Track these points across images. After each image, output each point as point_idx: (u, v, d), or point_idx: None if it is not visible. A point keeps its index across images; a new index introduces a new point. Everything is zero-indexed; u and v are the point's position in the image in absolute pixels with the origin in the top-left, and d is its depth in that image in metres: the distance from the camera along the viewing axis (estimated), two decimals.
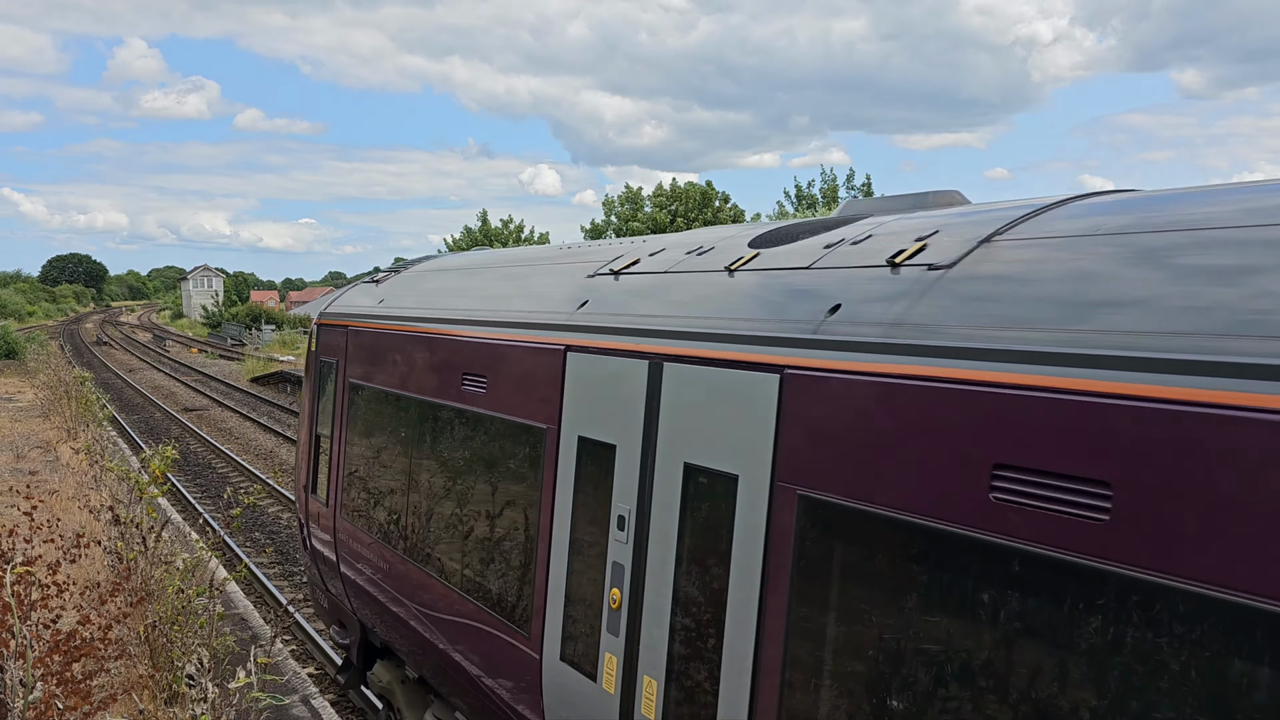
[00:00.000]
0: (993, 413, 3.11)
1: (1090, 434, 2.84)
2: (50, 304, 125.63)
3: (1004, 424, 3.08)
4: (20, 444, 20.16)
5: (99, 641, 6.82)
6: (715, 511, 4.26)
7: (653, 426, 4.73)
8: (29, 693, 5.38)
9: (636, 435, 4.85)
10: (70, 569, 7.84)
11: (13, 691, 5.43)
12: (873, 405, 3.56)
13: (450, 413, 6.90)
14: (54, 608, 6.87)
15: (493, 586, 6.17)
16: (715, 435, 4.30)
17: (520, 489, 5.93)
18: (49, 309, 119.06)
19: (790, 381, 3.91)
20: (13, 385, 34.53)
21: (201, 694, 6.30)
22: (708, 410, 4.39)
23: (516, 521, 5.93)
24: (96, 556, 9.77)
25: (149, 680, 7.37)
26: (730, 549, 4.13)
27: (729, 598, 4.11)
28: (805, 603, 3.75)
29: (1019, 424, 3.04)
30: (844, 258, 4.34)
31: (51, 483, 15.70)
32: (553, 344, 5.73)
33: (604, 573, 5.02)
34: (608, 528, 5.01)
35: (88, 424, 21.32)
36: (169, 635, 7.77)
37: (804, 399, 3.85)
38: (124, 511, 9.98)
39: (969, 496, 3.13)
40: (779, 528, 3.86)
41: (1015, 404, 3.05)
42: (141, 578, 8.39)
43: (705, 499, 4.35)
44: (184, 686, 7.13)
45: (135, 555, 8.52)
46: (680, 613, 4.48)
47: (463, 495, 6.66)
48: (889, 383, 3.49)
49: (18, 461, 18.32)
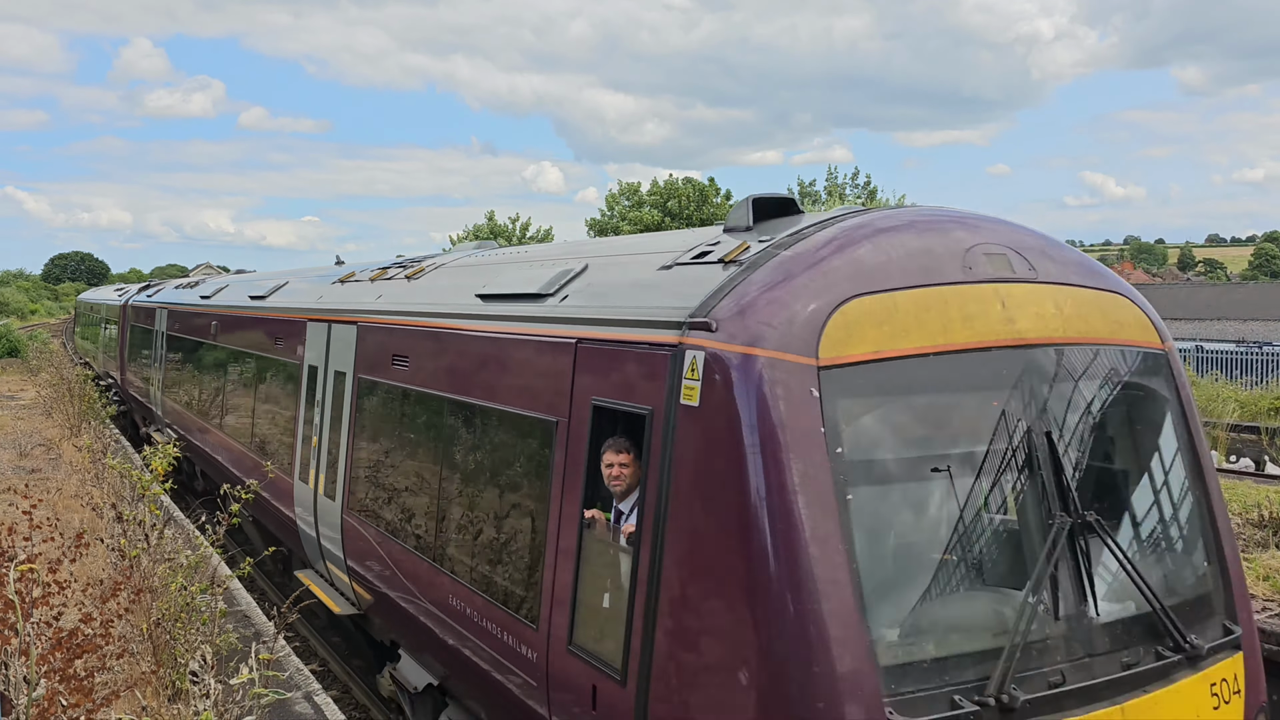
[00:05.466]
0: (400, 336, 8.50)
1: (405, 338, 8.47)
2: (53, 302, 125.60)
3: (405, 339, 8.39)
4: (23, 442, 20.17)
5: (101, 638, 6.82)
6: (339, 386, 9.84)
7: (327, 353, 10.42)
8: (32, 690, 5.37)
9: (321, 358, 10.62)
10: (72, 567, 7.85)
11: (16, 688, 5.43)
12: (385, 338, 8.83)
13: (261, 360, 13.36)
14: (55, 605, 6.87)
15: (297, 455, 10.98)
16: (343, 356, 9.81)
17: (284, 399, 11.94)
18: (51, 307, 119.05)
19: (361, 329, 9.46)
20: (15, 383, 34.55)
21: (204, 691, 6.29)
22: (342, 345, 9.90)
23: (300, 415, 11.10)
24: (99, 554, 9.78)
25: (151, 677, 7.36)
26: (342, 403, 9.64)
27: (342, 426, 9.55)
28: (362, 423, 9.14)
29: (410, 339, 8.28)
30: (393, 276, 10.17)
31: (54, 480, 15.70)
32: (299, 319, 11.66)
33: (319, 428, 10.34)
34: (321, 407, 10.38)
35: (90, 422, 21.32)
36: (172, 632, 7.77)
37: (365, 336, 9.34)
38: (126, 509, 9.97)
39: (394, 373, 8.47)
40: (355, 391, 9.37)
41: (411, 331, 8.31)
42: (144, 575, 8.38)
43: (341, 383, 9.81)
44: (187, 683, 7.12)
45: (138, 552, 8.52)
46: (329, 439, 9.97)
47: (275, 410, 12.37)
48: (392, 326, 8.78)
49: (21, 459, 18.33)
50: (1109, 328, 5.41)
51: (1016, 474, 4.87)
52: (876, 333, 4.66)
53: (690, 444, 4.67)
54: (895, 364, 4.65)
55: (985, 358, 4.88)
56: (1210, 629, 5.22)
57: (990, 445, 4.81)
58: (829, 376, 4.50)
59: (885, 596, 4.48)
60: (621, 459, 5.25)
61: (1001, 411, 4.85)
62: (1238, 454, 23.01)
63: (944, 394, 4.84)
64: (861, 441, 4.59)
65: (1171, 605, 5.03)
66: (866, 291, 4.72)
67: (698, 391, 4.69)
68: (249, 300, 14.59)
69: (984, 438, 4.82)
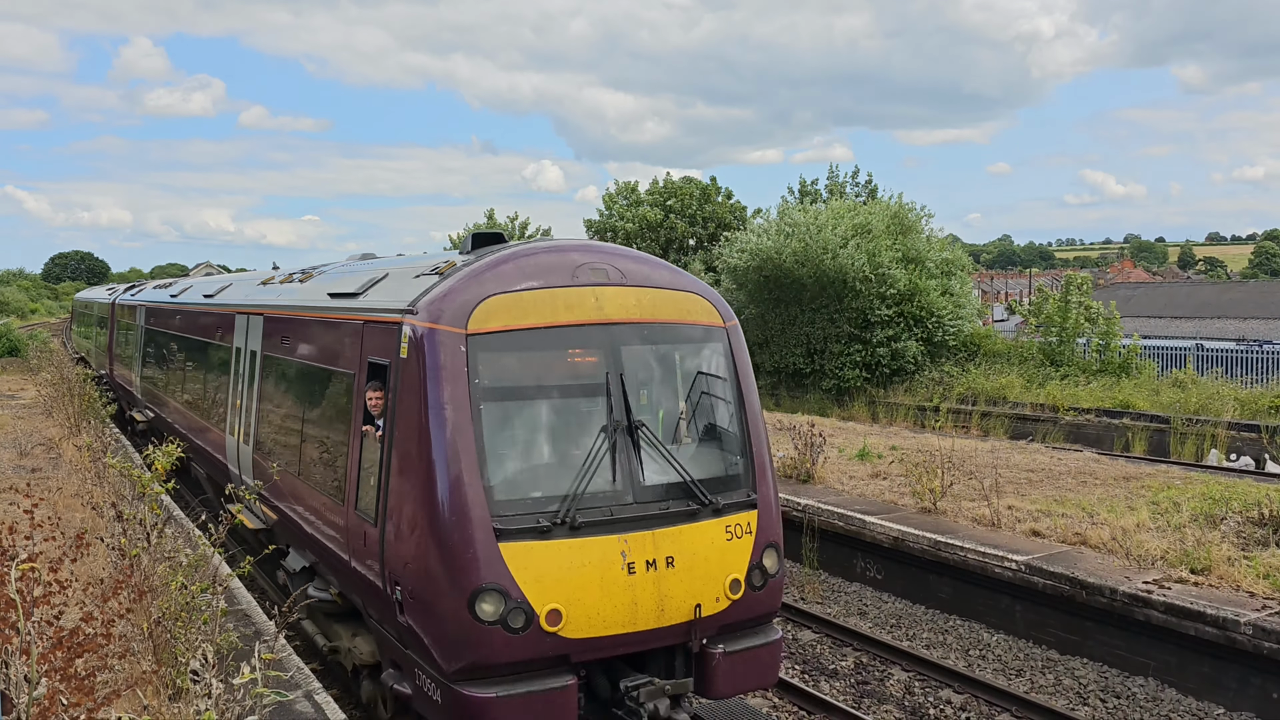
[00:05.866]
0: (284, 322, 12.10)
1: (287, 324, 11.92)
2: (53, 301, 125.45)
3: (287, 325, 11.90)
4: (23, 441, 20.16)
5: (102, 637, 6.81)
6: (252, 361, 13.00)
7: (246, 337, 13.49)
8: (33, 689, 5.37)
9: (244, 342, 13.62)
10: (73, 566, 7.84)
11: (17, 687, 5.42)
12: (276, 325, 12.28)
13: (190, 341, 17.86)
14: (56, 604, 6.86)
15: (229, 415, 13.98)
16: (255, 339, 12.90)
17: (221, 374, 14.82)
18: (51, 306, 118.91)
19: (265, 319, 12.79)
20: (15, 383, 34.53)
21: (206, 690, 6.29)
22: (255, 331, 12.98)
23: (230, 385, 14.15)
24: (99, 553, 9.77)
25: (152, 676, 7.36)
26: (254, 373, 12.84)
27: (253, 389, 12.76)
28: (264, 386, 12.44)
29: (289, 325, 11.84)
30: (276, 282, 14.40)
31: (55, 480, 15.70)
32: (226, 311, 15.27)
33: (240, 393, 13.38)
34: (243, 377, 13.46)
35: (90, 421, 21.30)
36: (173, 631, 7.76)
37: (267, 324, 12.59)
38: (127, 508, 9.96)
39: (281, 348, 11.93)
40: (261, 364, 12.64)
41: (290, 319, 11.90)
42: (144, 574, 8.38)
43: (254, 359, 12.91)
44: (188, 683, 7.11)
45: (138, 551, 8.51)
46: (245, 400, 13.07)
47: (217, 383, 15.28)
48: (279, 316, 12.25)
49: (21, 459, 18.32)
50: (679, 313, 8.65)
51: (596, 397, 7.99)
52: (506, 315, 7.87)
53: (402, 380, 7.90)
54: (516, 333, 7.88)
55: (580, 329, 8.07)
56: (736, 495, 8.32)
57: (580, 380, 8.06)
58: (473, 340, 7.71)
59: (500, 464, 7.63)
60: (378, 394, 8.50)
61: (591, 361, 8.06)
62: (1238, 452, 22.99)
63: (551, 350, 8.01)
64: (490, 376, 7.73)
65: (707, 479, 8.18)
66: (502, 291, 7.95)
67: (407, 349, 7.93)
68: (203, 299, 18.12)
69: (578, 377, 8.07)
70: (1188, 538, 13.15)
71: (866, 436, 22.74)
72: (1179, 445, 23.47)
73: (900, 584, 14.69)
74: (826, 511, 15.64)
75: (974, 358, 32.55)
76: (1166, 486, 16.76)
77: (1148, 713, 10.92)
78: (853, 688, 11.78)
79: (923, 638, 13.32)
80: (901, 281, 32.63)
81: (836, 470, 18.66)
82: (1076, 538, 13.54)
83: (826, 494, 16.77)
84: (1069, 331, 31.08)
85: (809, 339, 34.07)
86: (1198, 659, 11.03)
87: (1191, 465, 21.11)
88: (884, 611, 14.30)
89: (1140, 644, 11.56)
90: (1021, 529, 14.18)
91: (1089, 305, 31.54)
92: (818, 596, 14.99)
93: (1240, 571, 11.80)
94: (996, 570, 12.95)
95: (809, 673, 12.22)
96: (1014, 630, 13.00)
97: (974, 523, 14.65)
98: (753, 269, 34.60)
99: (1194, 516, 14.37)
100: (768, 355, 35.09)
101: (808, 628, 13.65)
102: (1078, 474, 18.22)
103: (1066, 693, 11.51)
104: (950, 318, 33.01)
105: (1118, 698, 11.26)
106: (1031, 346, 31.96)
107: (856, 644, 12.99)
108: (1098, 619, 11.96)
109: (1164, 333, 45.89)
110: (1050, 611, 12.52)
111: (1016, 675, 12.05)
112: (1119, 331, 31.23)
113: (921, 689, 11.66)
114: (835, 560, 15.69)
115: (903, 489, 16.68)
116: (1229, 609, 10.74)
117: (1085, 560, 12.63)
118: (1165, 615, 11.13)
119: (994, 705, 11.07)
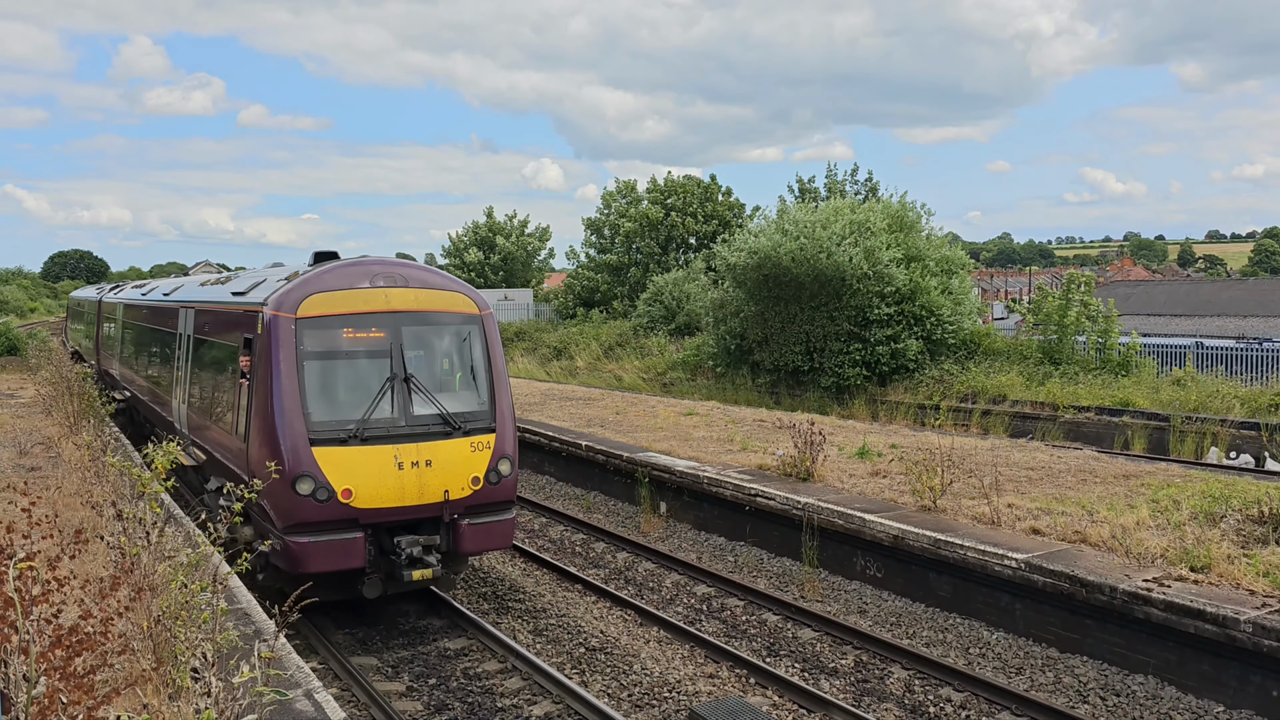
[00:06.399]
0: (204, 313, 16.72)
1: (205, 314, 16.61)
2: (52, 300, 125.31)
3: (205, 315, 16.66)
4: (23, 440, 20.15)
5: (101, 636, 6.80)
6: (186, 343, 17.62)
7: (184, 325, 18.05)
8: (32, 687, 5.36)
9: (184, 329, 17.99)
10: (72, 564, 7.83)
11: (16, 686, 5.42)
12: (200, 315, 16.89)
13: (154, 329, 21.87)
14: (55, 603, 6.85)
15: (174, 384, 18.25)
16: (189, 326, 17.56)
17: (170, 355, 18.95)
18: (51, 305, 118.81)
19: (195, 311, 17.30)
20: (14, 381, 34.52)
21: (205, 688, 6.28)
22: (189, 320, 17.59)
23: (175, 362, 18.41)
24: (99, 551, 9.76)
25: (152, 675, 7.35)
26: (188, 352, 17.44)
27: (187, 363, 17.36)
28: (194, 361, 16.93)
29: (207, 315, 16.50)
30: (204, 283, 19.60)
31: (54, 478, 15.69)
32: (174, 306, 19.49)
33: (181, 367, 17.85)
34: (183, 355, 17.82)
35: (90, 420, 21.28)
36: (172, 630, 7.74)
37: (196, 315, 17.16)
38: (126, 507, 9.95)
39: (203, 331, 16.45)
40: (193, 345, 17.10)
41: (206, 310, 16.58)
42: (144, 572, 8.36)
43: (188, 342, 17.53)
44: (188, 681, 7.10)
45: (138, 550, 8.50)
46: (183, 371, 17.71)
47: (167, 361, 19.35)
48: (200, 308, 17.03)
49: (20, 457, 18.31)
50: (446, 305, 12.99)
51: (383, 359, 12.34)
52: (323, 306, 12.27)
53: (258, 348, 12.29)
54: (329, 317, 12.27)
55: (374, 315, 12.43)
56: (479, 423, 12.65)
57: (372, 350, 12.35)
58: (300, 321, 12.10)
59: (316, 400, 11.98)
60: (246, 358, 12.72)
61: (380, 336, 12.39)
62: (1238, 450, 22.98)
63: (353, 329, 12.36)
64: (311, 345, 12.10)
65: (458, 413, 12.52)
66: (321, 291, 12.39)
67: (261, 328, 12.27)
68: (162, 297, 22.37)
69: (371, 346, 12.36)
70: (1187, 536, 13.14)
71: (866, 435, 22.72)
72: (1179, 443, 23.45)
73: (900, 582, 14.69)
74: (826, 510, 15.64)
75: (974, 356, 32.53)
76: (1166, 484, 16.76)
77: (1147, 710, 10.92)
78: (853, 686, 11.78)
79: (922, 636, 13.32)
80: (900, 280, 32.61)
81: (836, 468, 18.65)
82: (1076, 536, 13.53)
83: (826, 492, 16.76)
84: (1068, 330, 31.06)
85: (808, 337, 34.04)
86: (1197, 657, 11.02)
87: (1191, 463, 21.08)
88: (884, 610, 14.29)
89: (1140, 642, 11.56)
90: (1021, 527, 14.17)
91: (1089, 303, 31.53)
92: (817, 595, 14.98)
93: (1240, 569, 11.79)
94: (996, 568, 12.96)
95: (809, 671, 12.21)
96: (1014, 628, 12.99)
97: (974, 521, 14.65)
98: (751, 268, 34.60)
99: (1194, 514, 14.36)
100: (767, 353, 35.07)
101: (807, 626, 13.64)
102: (1077, 472, 18.22)
103: (1066, 691, 11.51)
104: (950, 316, 32.99)
105: (1117, 695, 11.26)
106: (1031, 345, 31.93)
107: (856, 642, 12.98)
108: (1097, 617, 11.96)
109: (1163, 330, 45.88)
110: (1050, 609, 12.52)
111: (1016, 673, 12.05)
112: (1118, 329, 31.22)
113: (921, 687, 11.66)
114: (835, 558, 15.70)
115: (902, 487, 16.67)
116: (1229, 607, 10.73)
117: (1085, 558, 12.62)
118: (1165, 613, 11.13)
119: (994, 703, 11.07)
